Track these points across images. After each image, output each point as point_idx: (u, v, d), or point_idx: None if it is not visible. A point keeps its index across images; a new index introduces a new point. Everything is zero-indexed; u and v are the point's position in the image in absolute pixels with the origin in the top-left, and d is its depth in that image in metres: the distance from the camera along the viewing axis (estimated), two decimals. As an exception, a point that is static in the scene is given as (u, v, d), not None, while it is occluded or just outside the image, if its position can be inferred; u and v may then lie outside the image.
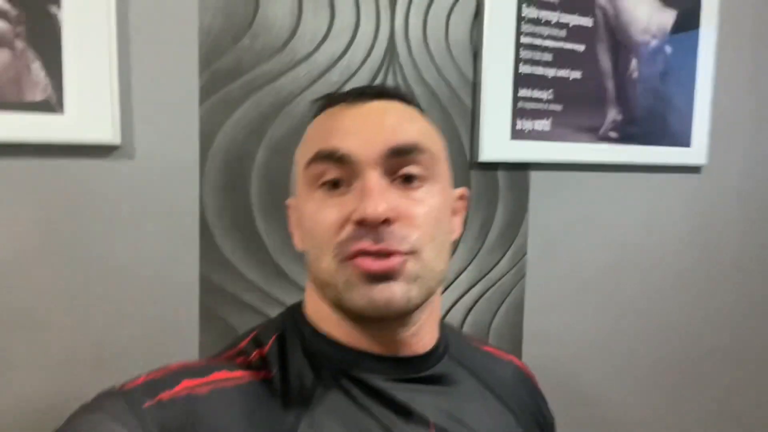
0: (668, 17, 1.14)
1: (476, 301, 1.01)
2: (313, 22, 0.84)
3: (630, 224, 1.16)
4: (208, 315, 0.81)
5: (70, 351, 0.74)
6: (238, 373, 0.51)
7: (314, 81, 0.85)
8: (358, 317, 0.52)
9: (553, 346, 1.09)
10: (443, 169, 0.55)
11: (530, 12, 0.99)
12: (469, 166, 0.98)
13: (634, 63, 1.11)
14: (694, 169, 1.23)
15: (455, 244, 0.98)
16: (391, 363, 0.54)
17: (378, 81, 0.89)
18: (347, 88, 0.86)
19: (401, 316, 0.51)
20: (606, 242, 1.13)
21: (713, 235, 1.26)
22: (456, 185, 0.59)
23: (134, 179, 0.75)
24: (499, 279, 1.03)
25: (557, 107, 1.03)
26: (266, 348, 0.54)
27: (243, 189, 0.82)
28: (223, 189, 0.81)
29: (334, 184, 0.51)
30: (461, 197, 0.60)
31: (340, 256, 0.49)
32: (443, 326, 0.61)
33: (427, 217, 0.51)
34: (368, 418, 0.51)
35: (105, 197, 0.74)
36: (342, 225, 0.49)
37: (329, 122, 0.54)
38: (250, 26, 0.80)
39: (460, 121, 0.96)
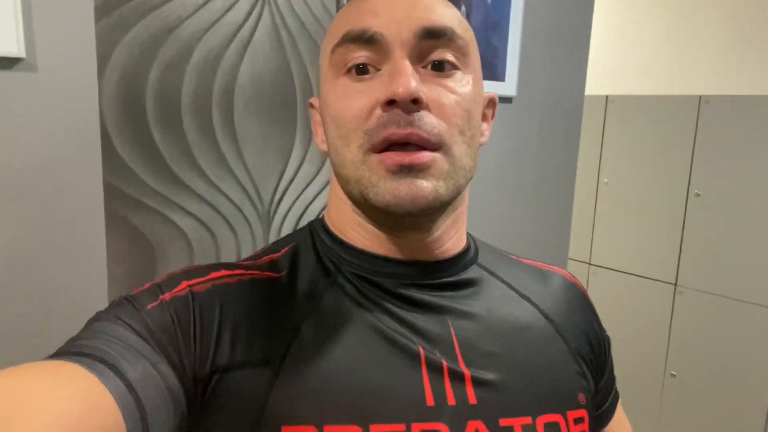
0: (488, -28, 1.39)
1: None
2: (197, -47, 0.93)
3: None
4: (113, 218, 0.91)
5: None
6: (239, 272, 0.51)
7: (199, 8, 0.95)
8: (381, 216, 0.50)
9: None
10: (475, 59, 0.52)
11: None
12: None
13: (463, 10, 1.35)
14: (507, 100, 1.53)
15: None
16: (411, 267, 0.53)
17: (255, 11, 1.01)
18: (229, 15, 0.98)
19: (427, 214, 0.49)
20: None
21: (521, 156, 1.60)
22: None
23: (38, 92, 0.81)
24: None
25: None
26: (278, 255, 0.55)
27: (139, 104, 0.91)
28: (120, 103, 0.90)
29: (361, 70, 0.48)
30: (491, 102, 0.57)
31: (366, 145, 0.47)
32: (472, 237, 0.60)
33: (458, 107, 0.48)
34: (382, 317, 0.50)
35: (9, 110, 0.79)
36: (370, 111, 0.47)
37: (358, 5, 0.50)
38: (139, -47, 0.88)
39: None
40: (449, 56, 0.48)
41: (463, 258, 0.56)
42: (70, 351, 0.41)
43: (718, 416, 2.25)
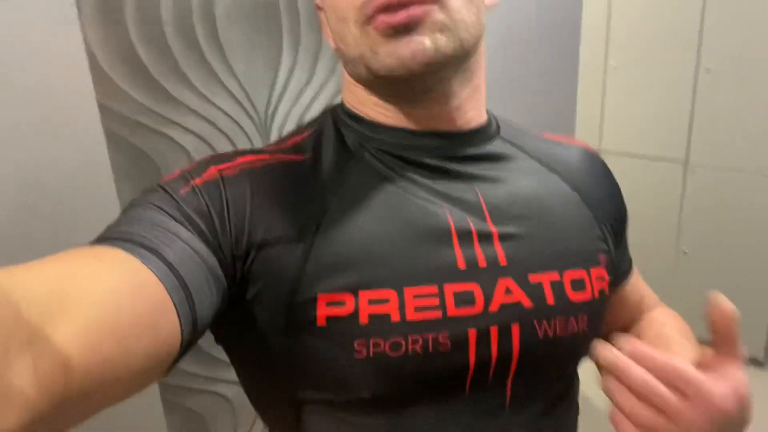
0: None
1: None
2: None
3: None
4: (112, 138, 0.93)
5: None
6: (265, 156, 0.52)
7: None
8: (392, 86, 0.50)
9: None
10: None
11: None
12: None
13: None
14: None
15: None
16: (435, 138, 0.53)
17: None
18: None
19: (433, 71, 0.48)
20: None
21: (515, 30, 1.55)
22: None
23: (17, 19, 0.81)
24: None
25: None
26: (301, 137, 0.55)
27: (120, 22, 0.91)
28: (102, 23, 0.89)
29: None
30: None
31: (361, 19, 0.47)
32: (491, 113, 0.60)
33: None
34: (409, 187, 0.50)
35: (-7, 37, 0.80)
36: None
37: None
38: None
39: None
40: None
41: (487, 130, 0.56)
42: (110, 237, 0.42)
43: (730, 293, 2.31)
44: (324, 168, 0.51)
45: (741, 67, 2.11)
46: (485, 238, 0.50)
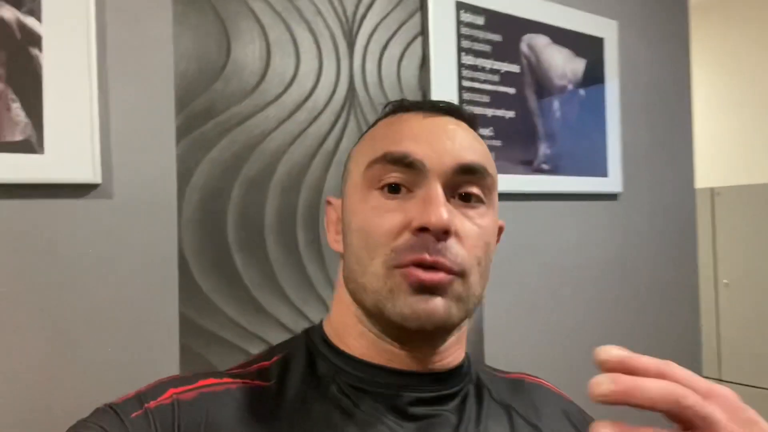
0: (579, 65, 1.30)
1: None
2: (281, 67, 0.89)
3: (563, 248, 1.27)
4: (187, 353, 0.80)
5: (48, 399, 0.70)
6: (227, 380, 0.51)
7: (283, 121, 0.89)
8: (390, 328, 0.51)
9: (512, 367, 1.15)
10: (496, 197, 0.55)
11: (468, 59, 1.10)
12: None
13: (556, 104, 1.25)
14: (611, 197, 1.37)
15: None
16: (409, 378, 0.52)
17: (341, 121, 0.94)
18: (313, 127, 0.91)
19: (437, 332, 0.51)
20: (546, 266, 1.23)
21: (632, 253, 1.41)
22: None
23: (113, 218, 0.74)
24: (459, 304, 1.08)
25: (497, 143, 1.14)
26: (268, 363, 0.54)
27: (220, 226, 0.83)
28: (200, 226, 0.82)
29: (394, 189, 0.50)
30: (500, 230, 0.59)
31: (392, 262, 0.48)
32: (467, 353, 0.60)
33: (479, 239, 0.51)
34: (374, 430, 0.49)
35: (84, 237, 0.73)
36: (400, 231, 0.49)
37: (399, 126, 0.53)
38: (222, 70, 0.84)
39: (415, 157, 1.04)
40: (477, 191, 0.51)
41: (460, 371, 0.56)
42: None
43: None
44: (288, 396, 0.50)
45: None
46: None
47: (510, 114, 1.16)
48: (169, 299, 0.79)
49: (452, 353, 0.55)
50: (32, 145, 0.68)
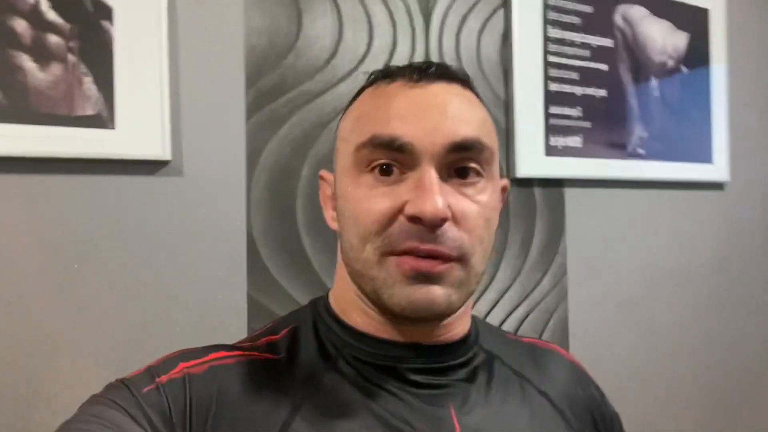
0: (681, 39, 1.18)
1: (521, 322, 0.98)
2: (353, 42, 0.85)
3: (661, 241, 1.15)
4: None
5: (118, 376, 0.69)
6: (238, 353, 0.51)
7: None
8: (390, 314, 0.50)
9: (599, 369, 1.05)
10: (496, 165, 0.52)
11: (555, 32, 1.01)
12: (507, 183, 0.97)
13: (654, 82, 1.13)
14: (717, 186, 1.23)
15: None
16: (414, 350, 0.52)
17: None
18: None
19: (439, 319, 0.50)
20: (641, 260, 1.12)
21: (741, 250, 1.26)
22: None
23: (183, 196, 0.73)
24: (542, 299, 1.00)
25: (586, 124, 1.04)
26: (277, 336, 0.54)
27: (289, 206, 0.80)
28: (269, 206, 0.79)
29: (385, 169, 0.48)
30: (503, 190, 0.56)
31: (384, 249, 0.46)
32: (474, 319, 0.59)
33: (479, 217, 0.48)
34: (382, 401, 0.49)
35: (153, 215, 0.71)
36: (392, 217, 0.46)
37: (386, 102, 0.49)
38: (293, 45, 0.81)
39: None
40: (473, 166, 0.49)
41: (466, 341, 0.55)
42: None
43: None
44: (298, 369, 0.50)
45: None
46: None
47: (601, 92, 1.06)
48: (238, 281, 0.76)
49: (458, 325, 0.54)
50: (103, 120, 0.67)
